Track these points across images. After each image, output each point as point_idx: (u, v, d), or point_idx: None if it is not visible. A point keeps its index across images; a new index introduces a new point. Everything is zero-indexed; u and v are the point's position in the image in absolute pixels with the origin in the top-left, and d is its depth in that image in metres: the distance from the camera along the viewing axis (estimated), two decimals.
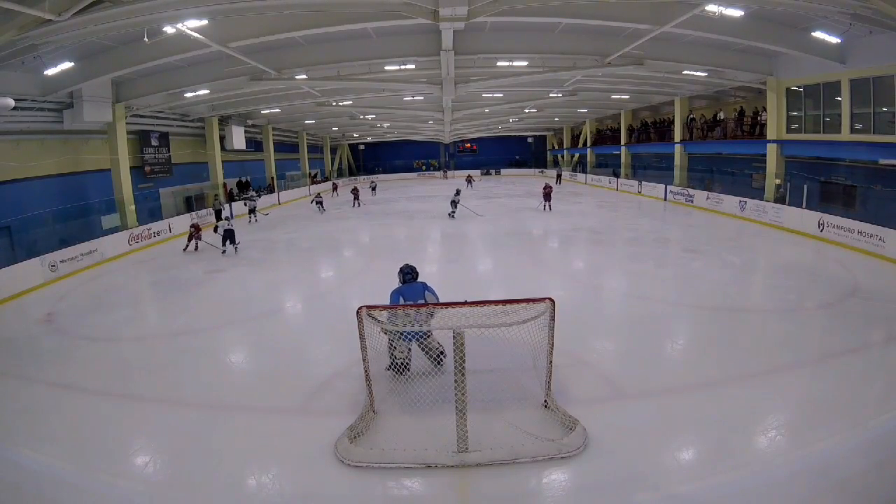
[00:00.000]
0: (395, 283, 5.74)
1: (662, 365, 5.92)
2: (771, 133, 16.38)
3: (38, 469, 4.36)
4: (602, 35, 13.13)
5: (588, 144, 34.19)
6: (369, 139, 42.69)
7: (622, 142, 28.17)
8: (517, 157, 45.31)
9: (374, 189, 31.10)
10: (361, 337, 4.55)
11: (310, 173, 34.23)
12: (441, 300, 5.37)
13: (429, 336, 5.29)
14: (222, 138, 22.56)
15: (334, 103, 21.80)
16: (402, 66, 14.45)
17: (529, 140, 45.53)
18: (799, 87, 15.25)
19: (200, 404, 5.46)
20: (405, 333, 5.11)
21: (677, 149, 22.62)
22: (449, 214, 18.85)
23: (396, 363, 5.30)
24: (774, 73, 15.53)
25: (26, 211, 13.18)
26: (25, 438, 4.87)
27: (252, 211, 19.73)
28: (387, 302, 5.42)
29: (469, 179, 33.21)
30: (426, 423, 4.65)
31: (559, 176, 34.71)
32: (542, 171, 42.44)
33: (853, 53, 12.39)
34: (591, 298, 8.96)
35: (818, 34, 11.39)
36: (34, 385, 6.02)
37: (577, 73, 15.59)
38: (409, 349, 5.43)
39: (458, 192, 20.01)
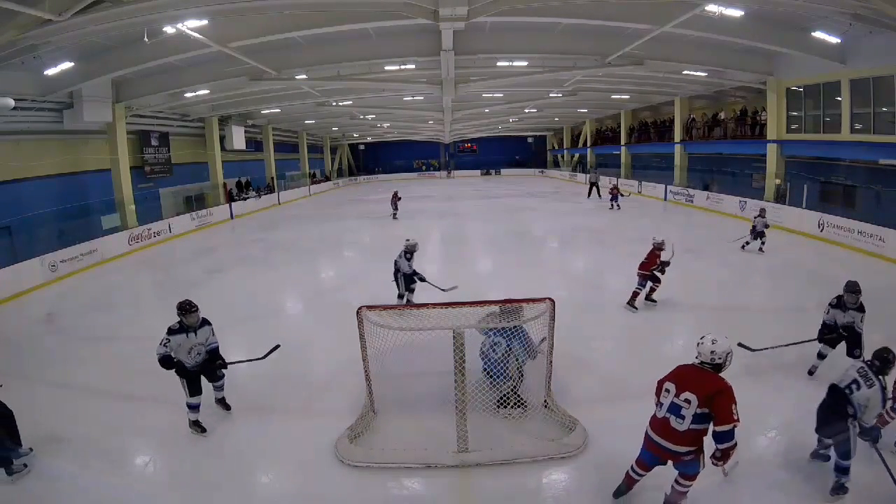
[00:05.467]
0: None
1: (662, 365, 5.86)
2: (771, 133, 16.37)
3: (38, 469, 4.35)
4: (602, 35, 13.11)
5: (588, 144, 34.16)
6: (369, 139, 42.66)
7: (622, 142, 28.16)
8: (517, 157, 45.23)
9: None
10: (361, 337, 4.56)
11: (310, 173, 34.24)
12: (443, 300, 5.35)
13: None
14: (222, 138, 22.53)
15: (334, 103, 21.79)
16: (402, 66, 14.43)
17: (529, 140, 45.46)
18: (799, 87, 15.24)
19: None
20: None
21: (677, 149, 22.62)
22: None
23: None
24: (774, 73, 15.52)
25: (26, 211, 13.16)
26: (26, 438, 4.86)
27: None
28: (386, 301, 5.40)
29: (615, 194, 19.83)
30: (426, 423, 4.65)
31: (594, 186, 23.98)
32: (542, 171, 42.44)
33: (853, 53, 12.37)
34: (592, 298, 8.95)
35: (818, 34, 11.38)
36: (34, 385, 6.02)
37: (577, 73, 15.59)
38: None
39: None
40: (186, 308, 4.76)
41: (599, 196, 23.61)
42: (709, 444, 3.36)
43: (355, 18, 10.36)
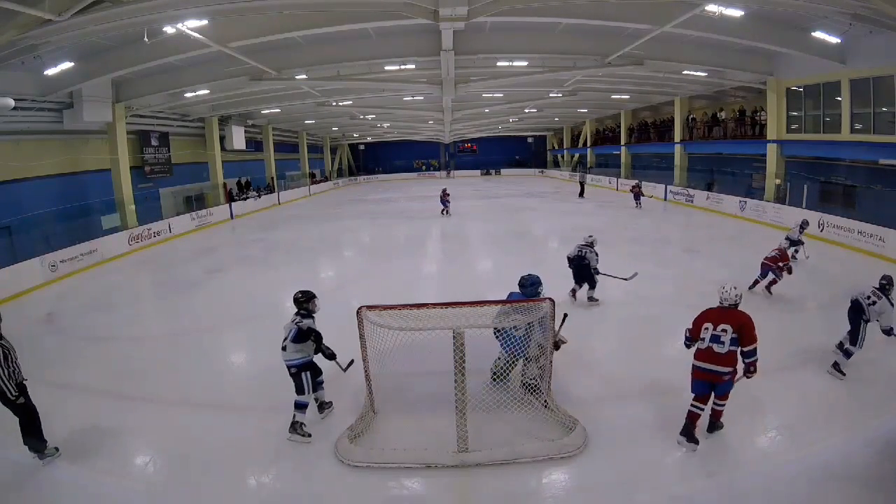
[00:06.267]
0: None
1: (662, 365, 5.91)
2: (771, 133, 16.37)
3: (38, 469, 4.36)
4: (602, 35, 13.11)
5: (588, 144, 34.16)
6: (369, 139, 42.68)
7: (622, 142, 28.16)
8: (517, 157, 45.25)
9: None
10: (361, 337, 4.56)
11: (310, 173, 34.25)
12: (443, 300, 5.34)
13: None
14: (222, 138, 22.54)
15: (334, 103, 21.79)
16: (402, 66, 14.43)
17: (529, 140, 45.47)
18: (799, 87, 15.23)
19: (200, 404, 5.47)
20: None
21: (677, 149, 22.62)
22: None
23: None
24: (774, 73, 15.52)
25: (26, 211, 13.16)
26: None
27: None
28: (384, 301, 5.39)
29: (636, 193, 20.00)
30: (426, 423, 4.65)
31: (582, 185, 26.12)
32: (542, 171, 42.48)
33: (853, 53, 12.37)
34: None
35: (818, 34, 11.37)
36: (34, 385, 5.97)
37: (577, 73, 15.59)
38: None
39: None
40: (308, 296, 4.81)
41: (583, 196, 24.50)
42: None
43: (355, 18, 10.36)
